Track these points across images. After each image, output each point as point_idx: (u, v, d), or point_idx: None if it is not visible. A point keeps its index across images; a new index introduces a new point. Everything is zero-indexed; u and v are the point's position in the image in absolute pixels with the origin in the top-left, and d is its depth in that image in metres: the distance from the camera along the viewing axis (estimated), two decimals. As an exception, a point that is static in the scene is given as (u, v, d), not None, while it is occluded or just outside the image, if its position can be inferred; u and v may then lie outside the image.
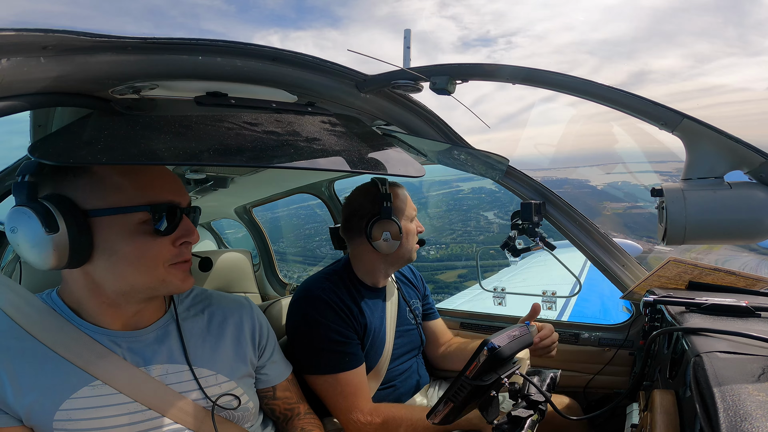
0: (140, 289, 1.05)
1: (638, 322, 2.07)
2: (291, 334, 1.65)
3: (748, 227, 1.17)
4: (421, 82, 1.38)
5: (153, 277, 1.03)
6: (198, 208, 1.18)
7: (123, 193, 0.99)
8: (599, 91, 1.24)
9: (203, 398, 1.14)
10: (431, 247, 27.86)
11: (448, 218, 30.57)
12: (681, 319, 1.21)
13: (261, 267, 4.11)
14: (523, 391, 1.27)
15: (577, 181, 12.71)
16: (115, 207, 0.97)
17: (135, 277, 1.02)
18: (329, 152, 1.13)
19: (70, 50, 0.88)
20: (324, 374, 1.55)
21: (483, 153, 1.76)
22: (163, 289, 1.07)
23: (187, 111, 1.13)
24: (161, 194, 1.03)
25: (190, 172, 2.42)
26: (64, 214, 0.92)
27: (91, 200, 0.97)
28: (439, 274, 25.44)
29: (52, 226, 0.90)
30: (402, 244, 1.71)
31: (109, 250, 0.98)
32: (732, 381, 0.80)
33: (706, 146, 1.19)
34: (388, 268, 1.79)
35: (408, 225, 1.75)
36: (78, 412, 0.99)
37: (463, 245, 27.90)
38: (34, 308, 1.04)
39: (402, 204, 1.76)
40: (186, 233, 1.07)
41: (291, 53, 1.20)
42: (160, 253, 1.03)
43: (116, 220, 0.98)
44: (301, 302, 1.64)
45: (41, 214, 0.90)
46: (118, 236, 0.98)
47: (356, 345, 1.62)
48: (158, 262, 1.03)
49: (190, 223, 1.09)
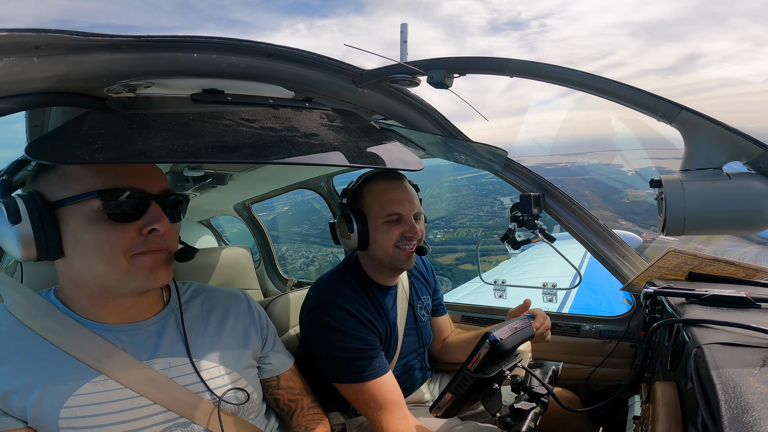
0: (108, 280, 1.02)
1: (639, 313, 2.07)
2: (314, 344, 1.58)
3: (747, 218, 1.17)
4: (418, 76, 1.37)
5: (116, 268, 1.01)
6: (182, 197, 1.13)
7: (81, 181, 0.99)
8: (597, 83, 1.24)
9: (207, 391, 1.14)
10: (438, 230, 27.94)
11: (465, 202, 30.57)
12: (681, 310, 1.21)
13: (261, 263, 4.11)
14: (526, 384, 1.28)
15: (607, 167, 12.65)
16: (74, 195, 0.98)
17: (99, 267, 1.00)
18: (327, 147, 1.13)
19: (63, 50, 0.88)
20: (351, 383, 1.51)
21: (482, 146, 1.75)
22: (132, 282, 1.04)
23: (184, 108, 1.12)
24: (119, 180, 1.01)
25: (188, 169, 2.41)
26: (27, 206, 0.95)
27: (57, 192, 0.99)
28: (439, 256, 25.61)
29: (15, 218, 0.94)
30: (371, 245, 1.64)
31: (74, 240, 0.99)
32: (733, 372, 0.80)
33: (705, 137, 1.18)
34: (383, 269, 1.71)
35: (377, 224, 1.63)
36: (83, 409, 0.99)
37: (470, 229, 28.00)
38: (38, 306, 1.04)
39: (372, 201, 1.65)
40: (151, 221, 1.03)
41: (287, 49, 1.20)
42: (119, 241, 1.00)
43: (77, 209, 0.98)
44: (321, 312, 1.55)
45: (8, 206, 0.94)
46: (80, 225, 0.99)
47: (380, 352, 1.58)
48: (118, 251, 1.00)
49: (158, 210, 1.05)
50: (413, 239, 1.63)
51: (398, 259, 1.63)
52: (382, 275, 1.73)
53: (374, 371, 1.50)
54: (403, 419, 1.47)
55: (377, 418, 1.47)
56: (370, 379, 1.49)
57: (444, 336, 2.09)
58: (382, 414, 1.47)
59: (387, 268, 1.68)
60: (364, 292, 1.67)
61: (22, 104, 0.97)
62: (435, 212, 30.11)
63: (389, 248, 1.62)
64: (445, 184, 31.38)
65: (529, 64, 1.27)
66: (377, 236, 1.63)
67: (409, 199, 1.65)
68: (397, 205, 1.62)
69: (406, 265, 1.66)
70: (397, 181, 1.69)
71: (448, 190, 31.34)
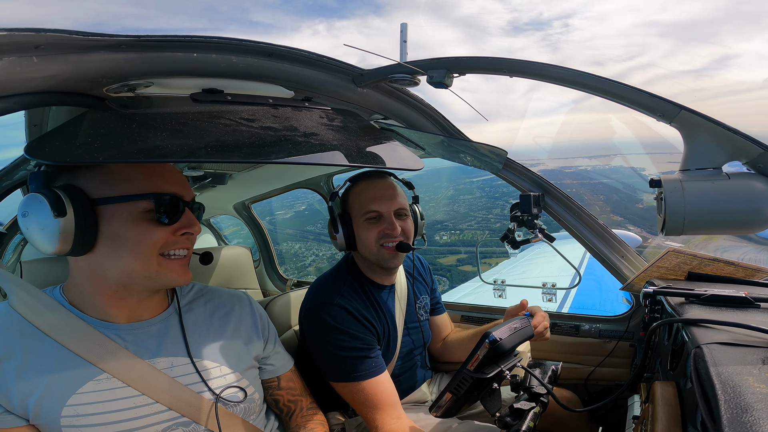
0: (137, 277, 1.07)
1: (638, 313, 2.07)
2: (312, 342, 1.58)
3: (746, 217, 1.17)
4: (418, 75, 1.37)
5: (148, 266, 1.06)
6: (201, 204, 1.20)
7: (130, 183, 1.03)
8: (597, 83, 1.24)
9: (208, 390, 1.15)
10: (445, 232, 27.97)
11: (476, 205, 30.51)
12: (681, 310, 1.21)
13: (261, 263, 4.11)
14: (525, 384, 1.28)
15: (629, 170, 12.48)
16: (122, 195, 1.02)
17: (132, 264, 1.04)
18: (327, 146, 1.13)
19: (62, 49, 0.88)
20: (347, 381, 1.51)
21: (481, 145, 1.75)
22: (160, 280, 1.09)
23: (184, 108, 1.12)
24: (166, 186, 1.07)
25: (188, 169, 2.41)
26: (72, 200, 0.97)
27: (100, 190, 1.02)
28: (442, 258, 25.64)
29: (60, 211, 0.95)
30: (358, 245, 1.66)
31: (112, 236, 1.02)
32: (732, 372, 0.80)
33: (704, 137, 1.18)
34: (375, 268, 1.72)
35: (359, 222, 1.64)
36: (85, 407, 1.00)
37: (476, 232, 27.99)
38: (43, 304, 1.05)
39: (354, 201, 1.67)
40: (188, 224, 1.11)
41: (287, 49, 1.20)
42: (158, 241, 1.06)
43: (122, 208, 1.02)
44: (320, 310, 1.56)
45: (51, 199, 0.96)
46: (123, 223, 1.02)
47: (377, 351, 1.58)
48: (154, 250, 1.06)
49: (192, 215, 1.13)
50: (392, 236, 1.62)
51: (383, 257, 1.64)
52: (376, 274, 1.74)
53: (370, 370, 1.51)
54: (397, 419, 1.47)
55: (371, 417, 1.47)
56: (365, 378, 1.49)
57: (443, 335, 2.08)
58: (376, 413, 1.47)
59: (377, 266, 1.69)
60: (362, 291, 1.67)
61: (21, 104, 0.97)
62: (446, 214, 30.09)
63: (373, 247, 1.63)
64: (460, 187, 31.35)
65: (528, 63, 1.27)
66: (360, 235, 1.64)
67: (389, 196, 1.65)
68: (375, 202, 1.62)
69: (392, 263, 1.66)
70: (379, 179, 1.69)
71: (461, 192, 31.34)
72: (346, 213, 1.68)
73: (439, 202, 31.03)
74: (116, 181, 1.03)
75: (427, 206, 31.26)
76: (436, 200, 31.05)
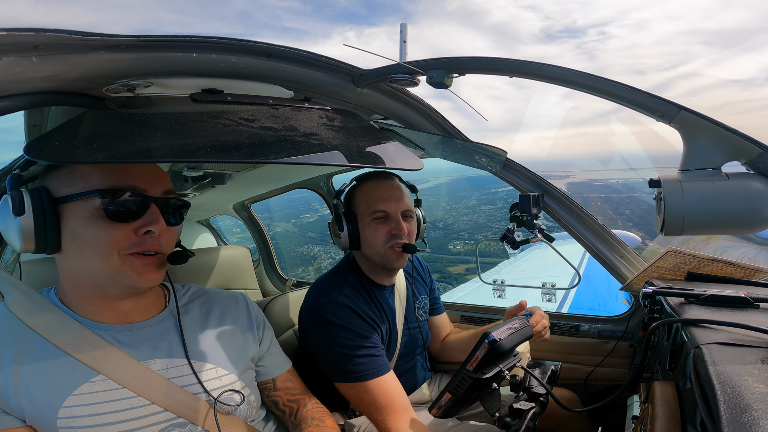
0: (101, 277, 1.04)
1: (638, 313, 2.07)
2: (315, 343, 1.57)
3: (746, 218, 1.17)
4: (417, 76, 1.37)
5: (108, 265, 1.02)
6: (182, 201, 1.15)
7: (86, 180, 1.02)
8: (596, 83, 1.24)
9: (204, 392, 1.14)
10: (459, 241, 27.90)
11: (496, 215, 30.38)
12: (680, 310, 1.21)
13: (260, 263, 4.11)
14: (525, 384, 1.28)
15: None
16: (77, 193, 1.01)
17: (93, 263, 1.02)
18: (327, 147, 1.13)
19: (62, 49, 0.88)
20: (354, 382, 1.49)
21: (481, 146, 1.75)
22: (122, 281, 1.05)
23: (183, 108, 1.12)
24: (124, 180, 1.03)
25: (187, 169, 2.41)
26: (33, 199, 0.98)
27: (62, 189, 1.02)
28: (451, 266, 25.58)
29: (19, 210, 0.97)
30: (362, 244, 1.66)
31: (72, 235, 1.02)
32: (732, 372, 0.80)
33: (704, 138, 1.18)
34: (378, 268, 1.72)
35: (365, 222, 1.64)
36: (81, 409, 0.99)
37: (490, 243, 28.00)
38: (37, 304, 1.05)
39: (360, 200, 1.67)
40: (148, 222, 1.05)
41: (286, 49, 1.19)
42: (115, 240, 1.02)
43: (79, 206, 1.01)
44: (323, 309, 1.55)
45: (15, 199, 0.97)
46: (80, 221, 1.01)
47: (382, 350, 1.58)
48: (113, 249, 1.02)
49: (156, 212, 1.06)
50: (400, 237, 1.62)
51: (389, 258, 1.64)
52: (378, 274, 1.73)
53: (377, 369, 1.49)
54: (413, 423, 1.45)
55: (381, 418, 1.44)
56: (372, 377, 1.48)
57: (443, 335, 2.09)
58: (386, 414, 1.44)
59: (380, 267, 1.69)
60: (364, 291, 1.67)
61: (20, 103, 0.97)
62: (464, 224, 29.95)
63: (380, 247, 1.63)
64: (483, 197, 31.17)
65: (528, 63, 1.27)
66: (366, 235, 1.64)
67: (396, 197, 1.65)
68: (382, 202, 1.63)
69: (398, 264, 1.66)
70: (387, 179, 1.69)
71: (484, 202, 31.18)
72: (350, 212, 1.67)
73: (459, 212, 30.83)
74: (75, 178, 1.01)
75: (446, 215, 31.24)
76: (457, 209, 31.10)
